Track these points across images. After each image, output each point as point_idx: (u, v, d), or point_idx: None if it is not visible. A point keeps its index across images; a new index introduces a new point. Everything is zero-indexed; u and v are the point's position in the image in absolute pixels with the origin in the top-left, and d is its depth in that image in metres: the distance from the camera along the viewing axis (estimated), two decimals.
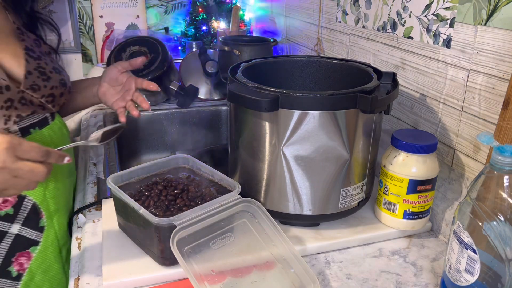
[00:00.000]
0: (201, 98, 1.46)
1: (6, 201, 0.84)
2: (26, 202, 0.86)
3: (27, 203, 0.86)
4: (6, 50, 0.85)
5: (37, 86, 0.87)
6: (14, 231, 0.85)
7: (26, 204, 0.86)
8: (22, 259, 0.86)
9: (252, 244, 0.69)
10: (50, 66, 0.92)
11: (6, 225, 0.84)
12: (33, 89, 0.86)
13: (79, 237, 0.82)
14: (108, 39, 1.77)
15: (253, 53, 1.28)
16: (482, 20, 0.71)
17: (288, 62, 0.95)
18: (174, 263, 0.69)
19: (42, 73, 0.89)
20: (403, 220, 0.79)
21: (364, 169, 0.79)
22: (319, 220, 0.81)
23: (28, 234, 0.87)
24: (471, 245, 0.57)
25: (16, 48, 0.87)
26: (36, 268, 0.88)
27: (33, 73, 0.87)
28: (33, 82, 0.86)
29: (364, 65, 0.88)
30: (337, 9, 1.18)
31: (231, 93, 0.73)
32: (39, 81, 0.87)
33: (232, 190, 0.74)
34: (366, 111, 0.72)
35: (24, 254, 0.86)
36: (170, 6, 1.88)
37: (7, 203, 0.84)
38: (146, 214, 0.67)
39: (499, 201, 0.55)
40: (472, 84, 0.75)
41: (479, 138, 0.56)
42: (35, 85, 0.87)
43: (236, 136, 0.82)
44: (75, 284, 0.71)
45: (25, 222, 0.86)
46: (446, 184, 0.82)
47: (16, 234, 0.85)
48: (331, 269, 0.74)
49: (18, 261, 0.86)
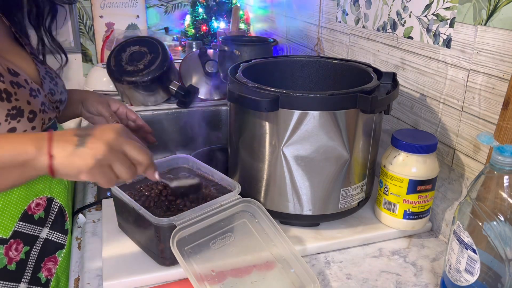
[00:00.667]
0: (201, 98, 1.46)
1: (38, 204, 0.82)
2: (54, 205, 0.85)
3: (55, 206, 0.85)
4: (15, 54, 0.83)
5: (53, 91, 0.86)
6: (44, 235, 0.83)
7: (54, 207, 0.85)
8: (49, 264, 0.85)
9: (252, 244, 0.69)
10: (53, 71, 0.91)
11: (38, 229, 0.82)
12: (51, 93, 0.85)
13: (79, 237, 0.83)
14: (108, 39, 1.77)
15: (253, 53, 1.28)
16: (482, 20, 0.71)
17: (288, 62, 0.95)
18: (174, 263, 0.69)
19: (51, 78, 0.88)
20: (403, 220, 0.79)
21: (364, 169, 0.79)
22: (319, 220, 0.81)
23: (55, 238, 0.85)
24: (471, 245, 0.57)
25: (21, 52, 0.85)
26: (61, 273, 0.87)
27: (46, 77, 0.86)
28: (50, 87, 0.85)
29: (364, 65, 0.88)
30: (337, 9, 1.18)
31: (231, 93, 0.73)
32: (52, 86, 0.86)
33: (232, 190, 0.74)
34: (366, 111, 0.72)
35: (51, 259, 0.85)
36: (170, 6, 1.88)
37: (39, 206, 0.82)
38: (146, 214, 0.67)
39: (499, 201, 0.55)
40: (472, 84, 0.75)
41: (479, 138, 0.56)
42: (52, 90, 0.86)
43: (236, 136, 0.82)
44: (75, 284, 0.71)
45: (53, 226, 0.85)
46: (446, 184, 0.82)
47: (45, 238, 0.83)
48: (331, 269, 0.74)
49: (47, 266, 0.84)
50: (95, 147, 0.61)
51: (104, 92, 1.49)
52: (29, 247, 0.81)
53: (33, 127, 0.77)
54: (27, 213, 0.80)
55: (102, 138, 0.61)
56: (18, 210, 0.78)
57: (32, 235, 0.81)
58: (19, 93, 0.74)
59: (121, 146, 0.63)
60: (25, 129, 0.75)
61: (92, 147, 0.61)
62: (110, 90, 1.49)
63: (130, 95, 1.37)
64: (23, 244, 0.80)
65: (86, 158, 0.60)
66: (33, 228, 0.81)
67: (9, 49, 0.83)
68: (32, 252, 0.81)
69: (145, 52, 1.35)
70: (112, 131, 0.63)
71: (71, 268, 0.75)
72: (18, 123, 0.74)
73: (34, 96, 0.78)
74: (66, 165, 0.61)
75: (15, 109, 0.73)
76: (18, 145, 0.61)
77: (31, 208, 0.80)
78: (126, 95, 1.38)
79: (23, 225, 0.80)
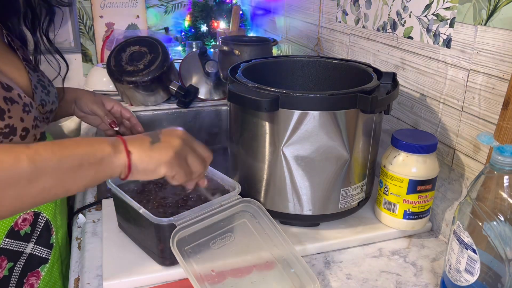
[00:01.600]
0: (201, 98, 1.46)
1: (25, 219, 0.80)
2: (40, 219, 0.83)
3: (41, 221, 0.83)
4: (7, 62, 0.79)
5: (44, 102, 0.82)
6: (28, 251, 0.81)
7: (40, 222, 0.83)
8: (32, 279, 0.83)
9: (252, 244, 0.69)
10: (46, 79, 0.87)
11: (23, 245, 0.81)
12: (42, 104, 0.81)
13: (79, 237, 0.82)
14: (108, 39, 1.77)
15: (253, 53, 1.28)
16: (482, 20, 0.71)
17: (288, 62, 0.95)
18: (174, 263, 0.69)
19: (43, 87, 0.84)
20: (403, 220, 0.79)
21: (364, 169, 0.79)
22: (319, 220, 0.81)
23: (40, 253, 0.84)
24: (471, 245, 0.57)
25: (14, 59, 0.81)
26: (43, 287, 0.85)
27: (38, 87, 0.82)
28: (41, 97, 0.81)
29: (364, 65, 0.88)
30: (337, 9, 1.18)
31: (231, 93, 0.73)
32: (44, 96, 0.82)
33: (232, 190, 0.74)
34: (366, 111, 0.72)
35: (34, 274, 0.83)
36: (170, 6, 1.88)
37: (26, 221, 0.81)
38: (146, 214, 0.67)
39: (499, 201, 0.55)
40: (472, 84, 0.75)
41: (479, 138, 0.56)
42: (43, 100, 0.82)
43: (236, 136, 0.82)
44: (75, 284, 0.71)
45: (38, 240, 0.83)
46: (446, 184, 0.82)
47: (29, 253, 0.82)
48: (331, 269, 0.74)
49: (29, 282, 0.82)
50: (170, 140, 0.64)
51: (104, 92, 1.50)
52: (13, 263, 0.79)
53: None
54: (13, 229, 0.78)
55: (174, 134, 0.65)
56: (5, 226, 0.77)
57: (16, 251, 0.80)
58: (13, 110, 0.71)
59: (191, 142, 0.67)
60: None
61: (167, 140, 0.64)
62: (110, 90, 1.49)
63: (130, 95, 1.37)
64: (7, 260, 0.78)
65: (164, 150, 0.63)
66: (18, 244, 0.80)
67: (1, 55, 0.79)
68: (15, 268, 0.80)
69: (145, 52, 1.35)
70: (179, 130, 0.67)
71: (71, 268, 0.75)
72: (11, 142, 0.71)
73: (27, 112, 0.74)
74: (145, 159, 0.62)
75: (8, 127, 0.70)
76: (95, 143, 0.60)
77: (17, 224, 0.79)
78: (126, 95, 1.38)
79: (9, 241, 0.78)
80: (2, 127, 0.70)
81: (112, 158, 0.60)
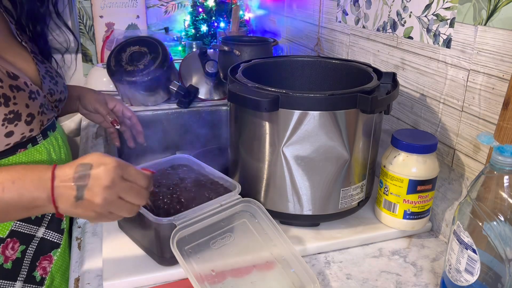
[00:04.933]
0: (201, 98, 1.46)
1: None
2: None
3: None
4: (15, 54, 0.82)
5: (52, 91, 0.85)
6: (40, 235, 0.84)
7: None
8: (45, 263, 0.85)
9: (252, 244, 0.69)
10: (54, 70, 0.90)
11: (34, 229, 0.83)
12: (50, 93, 0.85)
13: (79, 237, 0.82)
14: (108, 39, 1.77)
15: (253, 53, 1.28)
16: (482, 20, 0.71)
17: (288, 62, 0.95)
18: (174, 263, 0.69)
19: (51, 77, 0.87)
20: (403, 220, 0.79)
21: (364, 169, 0.79)
22: (319, 220, 0.81)
23: (51, 237, 0.86)
24: (471, 245, 0.57)
25: (22, 52, 0.84)
26: (56, 271, 0.87)
27: (46, 77, 0.85)
28: (49, 87, 0.85)
29: (364, 65, 0.88)
30: (337, 9, 1.18)
31: (231, 93, 0.73)
32: (52, 85, 0.86)
33: (232, 190, 0.74)
34: (366, 111, 0.72)
35: (47, 257, 0.85)
36: (170, 6, 1.88)
37: None
38: (146, 214, 0.67)
39: (499, 201, 0.55)
40: (472, 84, 0.75)
41: (479, 138, 0.56)
42: (51, 89, 0.85)
43: (236, 136, 0.82)
44: (75, 284, 0.71)
45: (49, 225, 0.85)
46: (446, 184, 0.82)
47: (41, 237, 0.84)
48: (331, 269, 0.74)
49: (42, 265, 0.85)
50: (95, 194, 0.59)
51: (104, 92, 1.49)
52: (25, 246, 0.81)
53: (31, 129, 0.77)
54: None
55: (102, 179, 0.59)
56: None
57: (28, 234, 0.82)
58: (18, 97, 0.74)
59: (123, 178, 0.61)
60: (23, 132, 0.75)
61: (91, 194, 0.60)
62: (110, 90, 1.49)
63: (130, 95, 1.37)
64: (20, 243, 0.80)
65: (88, 209, 0.61)
66: (29, 228, 0.82)
67: (9, 48, 0.82)
68: (28, 251, 0.82)
69: (145, 52, 1.35)
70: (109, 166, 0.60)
71: (71, 268, 0.75)
72: (16, 126, 0.74)
73: (33, 99, 0.77)
74: (71, 214, 0.64)
75: (13, 113, 0.73)
76: (24, 192, 0.61)
77: None
78: (126, 95, 1.38)
79: (20, 224, 0.80)
80: (7, 112, 0.72)
81: (43, 208, 0.62)
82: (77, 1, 1.73)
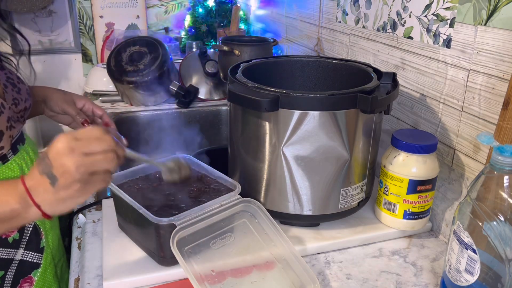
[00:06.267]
0: (201, 98, 1.46)
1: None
2: (28, 224, 0.82)
3: (29, 225, 0.82)
4: None
5: (17, 100, 0.79)
6: (18, 257, 0.81)
7: (28, 226, 0.82)
8: (25, 286, 0.82)
9: (252, 244, 0.69)
10: (15, 76, 0.83)
11: (13, 252, 0.80)
12: (15, 104, 0.78)
13: (79, 237, 0.82)
14: (108, 39, 1.77)
15: (253, 53, 1.28)
16: (482, 20, 0.71)
17: (288, 62, 0.95)
18: (174, 263, 0.69)
19: (13, 85, 0.80)
20: (403, 220, 0.79)
21: (364, 169, 0.79)
22: (319, 220, 0.81)
23: (31, 258, 0.83)
24: (471, 245, 0.57)
25: None
26: None
27: (7, 86, 0.78)
28: (13, 96, 0.78)
29: (364, 65, 0.88)
30: (337, 9, 1.18)
31: (231, 93, 0.73)
32: (15, 94, 0.79)
33: (232, 190, 0.74)
34: (366, 111, 0.72)
35: (27, 280, 0.82)
36: (170, 6, 1.88)
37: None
38: (146, 214, 0.67)
39: (499, 201, 0.55)
40: (472, 84, 0.75)
41: (479, 138, 0.56)
42: (15, 99, 0.79)
43: (236, 136, 0.82)
44: (75, 284, 0.71)
45: (28, 246, 0.82)
46: (446, 184, 0.82)
47: (20, 259, 0.81)
48: (331, 269, 0.74)
49: None
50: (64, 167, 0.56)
51: (104, 92, 1.50)
52: (3, 272, 0.78)
53: (1, 147, 0.73)
54: (1, 237, 0.78)
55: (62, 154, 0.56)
56: None
57: (6, 259, 0.79)
58: None
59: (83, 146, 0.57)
60: None
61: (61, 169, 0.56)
62: (110, 90, 1.49)
63: (130, 95, 1.37)
64: None
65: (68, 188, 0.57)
66: (7, 252, 0.79)
67: None
68: (7, 276, 0.79)
69: (145, 52, 1.35)
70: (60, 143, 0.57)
71: (71, 268, 0.75)
72: None
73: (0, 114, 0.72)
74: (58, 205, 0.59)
75: None
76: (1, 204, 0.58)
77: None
78: (126, 95, 1.38)
79: None
80: None
81: (25, 215, 0.58)
82: (77, 1, 1.73)
